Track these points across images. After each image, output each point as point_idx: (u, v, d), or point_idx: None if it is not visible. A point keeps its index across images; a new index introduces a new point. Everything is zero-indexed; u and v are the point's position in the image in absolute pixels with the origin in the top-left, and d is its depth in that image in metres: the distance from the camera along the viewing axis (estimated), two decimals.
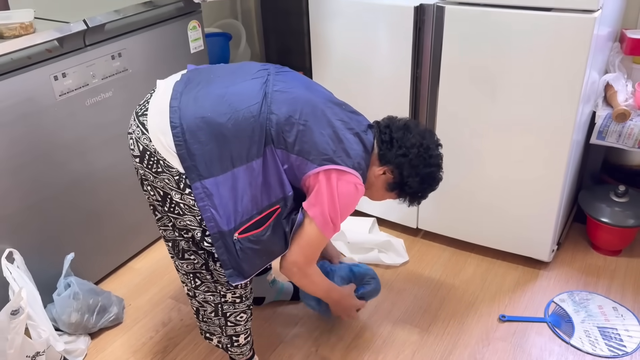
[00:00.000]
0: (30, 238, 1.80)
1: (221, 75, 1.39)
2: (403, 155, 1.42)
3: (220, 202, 1.30)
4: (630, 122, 1.93)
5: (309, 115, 1.33)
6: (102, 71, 1.87)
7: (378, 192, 1.51)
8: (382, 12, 1.92)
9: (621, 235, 2.05)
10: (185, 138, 1.28)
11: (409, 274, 2.07)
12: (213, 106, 1.31)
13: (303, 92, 1.38)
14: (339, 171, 1.35)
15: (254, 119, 1.30)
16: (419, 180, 1.44)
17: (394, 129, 1.44)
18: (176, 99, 1.33)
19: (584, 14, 1.60)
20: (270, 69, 1.41)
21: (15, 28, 1.63)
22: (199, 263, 1.45)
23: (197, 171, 1.29)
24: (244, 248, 1.34)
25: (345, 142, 1.36)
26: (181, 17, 2.11)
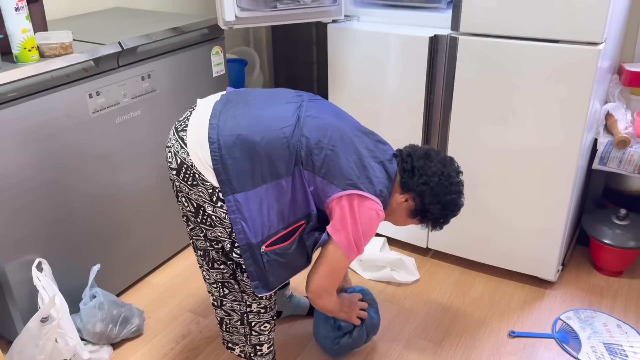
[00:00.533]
0: (58, 249, 1.86)
1: (258, 98, 1.49)
2: (424, 183, 1.48)
3: (249, 215, 1.38)
4: (630, 149, 2.05)
5: (337, 141, 1.42)
6: (132, 91, 1.96)
7: (401, 218, 1.59)
8: (398, 41, 2.04)
9: (623, 257, 2.14)
10: (222, 153, 1.37)
11: (420, 291, 2.14)
12: (249, 125, 1.40)
13: (333, 119, 1.47)
14: (361, 197, 1.41)
15: (286, 140, 1.39)
16: (440, 207, 1.50)
17: (416, 158, 1.52)
18: (215, 117, 1.42)
19: (589, 46, 1.72)
20: (304, 96, 1.51)
21: (56, 48, 1.73)
22: (227, 273, 1.52)
23: (231, 185, 1.37)
24: (270, 260, 1.41)
25: (369, 169, 1.44)
26: (205, 43, 2.22)
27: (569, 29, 1.73)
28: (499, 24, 1.83)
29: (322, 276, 1.50)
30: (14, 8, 1.59)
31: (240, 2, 1.95)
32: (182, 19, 2.19)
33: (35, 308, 1.73)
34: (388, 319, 1.99)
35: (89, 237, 1.95)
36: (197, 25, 2.16)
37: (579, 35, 1.73)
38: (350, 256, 1.46)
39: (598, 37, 1.71)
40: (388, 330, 1.94)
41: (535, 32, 1.78)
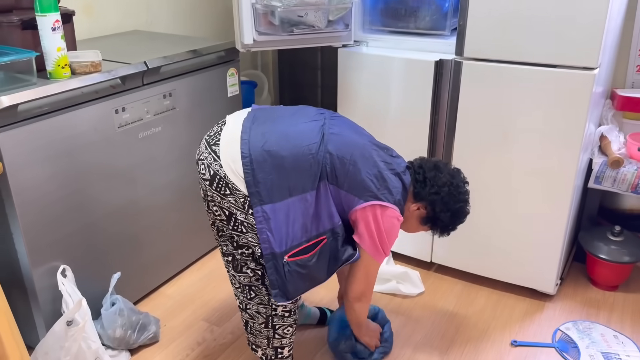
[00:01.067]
0: (80, 257, 1.94)
1: (284, 115, 1.61)
2: (435, 193, 1.61)
3: (275, 225, 1.47)
4: (623, 169, 2.17)
5: (359, 157, 1.54)
6: (155, 108, 2.07)
7: (412, 226, 1.70)
8: (405, 65, 2.16)
9: (618, 271, 2.24)
10: (253, 167, 1.47)
11: (425, 303, 2.22)
12: (277, 141, 1.51)
13: (354, 136, 1.60)
14: (382, 207, 1.53)
15: (312, 156, 1.50)
16: (450, 215, 1.63)
17: (427, 169, 1.64)
18: (246, 133, 1.53)
19: (585, 71, 1.85)
20: (326, 114, 1.63)
21: (87, 66, 1.84)
22: (255, 277, 1.60)
23: (260, 197, 1.47)
24: (291, 271, 1.51)
25: (388, 181, 1.56)
26: (222, 65, 2.34)
27: (566, 55, 1.86)
28: (500, 50, 1.96)
29: (359, 280, 1.64)
30: (50, 28, 1.70)
31: (259, 27, 2.08)
32: (200, 42, 2.31)
33: (58, 314, 1.80)
34: (396, 328, 2.07)
35: (108, 247, 2.03)
36: (215, 48, 2.28)
37: (575, 61, 1.86)
38: (379, 259, 1.59)
39: (593, 63, 1.85)
40: (396, 339, 2.02)
41: (534, 58, 1.92)
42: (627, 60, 2.54)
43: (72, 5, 2.00)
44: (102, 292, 1.98)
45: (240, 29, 2.08)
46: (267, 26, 2.10)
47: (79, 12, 2.32)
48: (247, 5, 2.04)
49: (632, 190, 2.17)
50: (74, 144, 1.82)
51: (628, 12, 2.44)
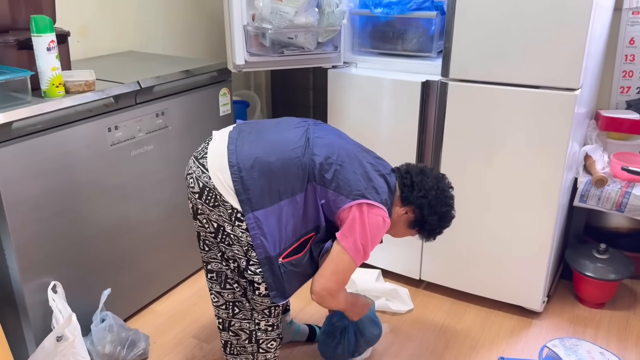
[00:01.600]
0: (71, 273, 1.95)
1: (268, 126, 1.65)
2: (423, 197, 1.64)
3: (268, 230, 1.51)
4: (607, 188, 2.21)
5: (344, 158, 1.57)
6: (147, 126, 2.11)
7: (400, 230, 1.72)
8: (393, 86, 2.22)
9: (604, 289, 2.27)
10: (242, 175, 1.51)
11: (414, 320, 2.24)
12: (264, 148, 1.55)
13: (338, 139, 1.64)
14: (369, 205, 1.55)
15: (299, 159, 1.54)
16: (437, 219, 1.66)
17: (414, 174, 1.67)
18: (232, 144, 1.57)
19: (567, 91, 1.91)
20: (309, 121, 1.67)
21: (81, 85, 1.88)
22: (239, 292, 1.63)
23: (250, 203, 1.50)
24: (287, 271, 1.54)
25: (374, 180, 1.59)
26: (214, 85, 2.39)
27: (548, 76, 1.92)
28: (485, 72, 2.01)
29: (326, 277, 1.58)
30: (46, 48, 1.74)
31: (250, 48, 2.13)
32: (194, 63, 2.37)
33: (48, 330, 1.81)
34: (385, 345, 2.09)
35: (100, 263, 2.05)
36: (207, 69, 2.33)
37: (558, 82, 1.92)
38: (357, 260, 1.57)
39: (574, 84, 1.90)
40: (384, 356, 2.03)
41: (517, 79, 1.97)
42: (610, 82, 2.61)
43: (68, 26, 2.05)
44: (93, 309, 1.99)
45: (232, 50, 2.14)
46: (258, 47, 2.16)
47: (75, 33, 2.37)
48: (239, 27, 2.10)
49: (616, 209, 2.21)
50: (67, 161, 1.85)
51: (611, 35, 2.51)
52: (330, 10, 2.11)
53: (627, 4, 2.48)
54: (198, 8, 2.94)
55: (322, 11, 2.11)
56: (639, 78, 2.56)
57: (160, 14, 2.75)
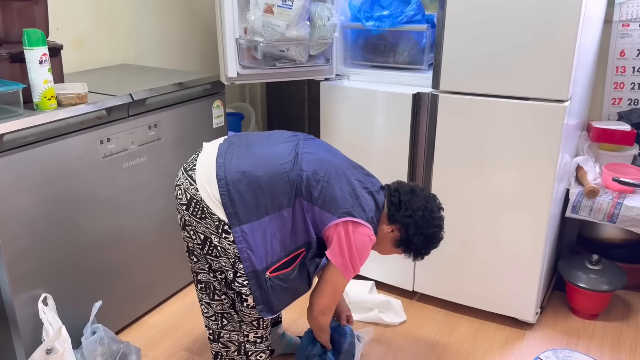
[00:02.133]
0: (62, 285, 1.95)
1: (258, 139, 1.66)
2: (409, 216, 1.64)
3: (255, 244, 1.51)
4: (599, 199, 2.22)
5: (332, 174, 1.58)
6: (140, 139, 2.12)
7: (386, 248, 1.72)
8: (384, 98, 2.23)
9: (597, 300, 2.27)
10: (229, 188, 1.51)
11: (406, 332, 2.23)
12: (252, 162, 1.55)
13: (327, 155, 1.64)
14: (355, 223, 1.56)
15: (287, 174, 1.54)
16: (422, 239, 1.65)
17: (402, 193, 1.67)
18: (221, 157, 1.57)
19: (556, 103, 1.92)
20: (300, 136, 1.68)
21: (73, 97, 1.89)
22: (227, 303, 1.63)
23: (237, 217, 1.51)
24: (274, 285, 1.53)
25: (361, 198, 1.59)
26: (208, 97, 2.40)
27: (538, 88, 1.93)
28: (474, 84, 2.03)
29: (325, 296, 1.66)
30: (38, 61, 1.76)
31: (242, 60, 2.15)
32: (187, 75, 2.38)
33: (39, 342, 1.80)
34: (377, 357, 2.08)
35: (91, 275, 2.05)
36: (200, 81, 2.35)
37: (547, 94, 1.93)
38: (348, 277, 1.60)
39: (563, 95, 1.91)
40: None
41: (506, 91, 1.98)
42: (602, 94, 2.62)
43: (62, 39, 2.07)
44: (84, 321, 1.98)
45: (224, 63, 2.16)
46: (251, 60, 2.18)
47: (70, 46, 2.39)
48: (231, 40, 2.12)
49: (608, 220, 2.21)
50: (59, 173, 1.86)
51: (602, 47, 2.53)
52: (322, 23, 2.13)
53: (617, 17, 2.51)
54: (192, 21, 2.97)
55: (314, 24, 2.13)
56: (630, 89, 2.58)
57: (154, 27, 2.77)
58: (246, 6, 2.09)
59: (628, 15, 2.49)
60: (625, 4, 2.48)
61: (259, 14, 2.03)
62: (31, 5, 1.88)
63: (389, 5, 2.24)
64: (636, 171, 2.32)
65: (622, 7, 2.49)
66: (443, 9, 2.01)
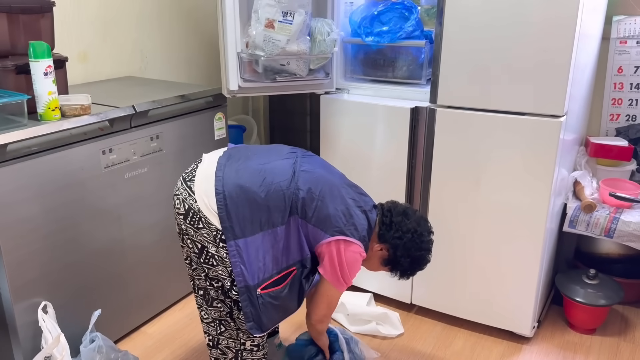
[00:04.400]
0: (62, 294, 1.97)
1: (257, 153, 1.69)
2: (399, 238, 1.67)
3: (248, 259, 1.53)
4: (596, 213, 2.23)
5: (327, 193, 1.61)
6: (142, 150, 2.15)
7: (374, 265, 1.76)
8: (383, 112, 2.26)
9: (594, 314, 2.27)
10: (226, 203, 1.54)
11: (404, 345, 2.24)
12: (250, 178, 1.58)
13: (324, 173, 1.67)
14: (347, 242, 1.59)
15: (283, 192, 1.57)
16: (409, 261, 1.69)
17: (395, 214, 1.71)
18: (220, 170, 1.60)
19: (552, 118, 1.94)
20: (298, 152, 1.71)
21: (76, 109, 1.93)
22: (224, 311, 1.65)
23: (233, 231, 1.53)
24: (265, 302, 1.56)
25: (354, 217, 1.62)
26: (209, 110, 2.44)
27: (534, 103, 1.96)
28: (471, 98, 2.06)
29: (321, 307, 1.74)
30: (43, 73, 1.80)
31: (244, 74, 2.19)
32: (189, 88, 2.42)
33: (38, 350, 1.82)
34: None
35: (91, 284, 2.07)
36: (202, 94, 2.38)
37: (543, 109, 1.96)
38: (341, 289, 1.66)
39: (559, 111, 1.94)
40: None
41: (503, 106, 2.01)
42: (600, 109, 2.65)
43: (68, 52, 2.11)
44: (84, 330, 1.99)
45: (226, 76, 2.19)
46: (252, 73, 2.21)
47: (75, 58, 2.43)
48: (233, 54, 2.16)
49: (605, 234, 2.22)
50: (61, 183, 1.89)
51: (600, 64, 2.56)
52: (322, 38, 2.16)
53: (615, 34, 2.54)
54: (196, 35, 3.02)
55: (314, 39, 2.17)
56: (627, 105, 2.60)
57: (159, 40, 2.82)
58: (248, 21, 2.14)
59: (625, 33, 2.52)
60: (623, 21, 2.51)
61: (260, 28, 2.07)
62: (38, 19, 1.93)
63: (388, 22, 2.28)
64: (633, 186, 2.34)
65: (620, 24, 2.52)
66: (441, 25, 2.04)
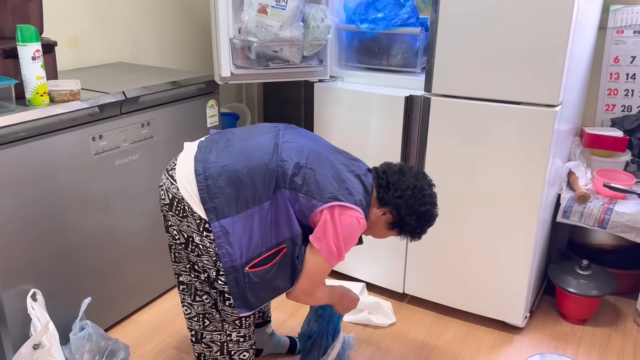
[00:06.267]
0: (52, 281, 1.95)
1: (238, 133, 1.65)
2: (399, 197, 1.60)
3: (234, 239, 1.49)
4: (590, 204, 2.22)
5: (314, 161, 1.56)
6: (132, 136, 2.12)
7: (380, 231, 1.70)
8: (378, 100, 2.24)
9: (586, 305, 2.27)
10: (207, 183, 1.51)
11: (395, 334, 2.24)
12: (231, 157, 1.55)
13: (309, 142, 1.62)
14: (342, 207, 1.53)
15: (266, 166, 1.53)
16: (415, 218, 1.62)
17: (390, 174, 1.65)
18: (200, 153, 1.58)
19: (547, 107, 1.93)
20: (280, 126, 1.67)
21: (66, 94, 1.90)
22: (209, 303, 1.62)
23: (216, 212, 1.50)
24: (252, 281, 1.52)
25: (347, 182, 1.57)
26: (202, 96, 2.41)
27: (529, 93, 1.94)
28: (466, 87, 2.04)
29: (303, 280, 1.59)
30: (31, 57, 1.77)
31: (236, 60, 2.16)
32: (181, 74, 2.39)
33: (27, 338, 1.80)
34: (365, 358, 2.08)
35: (82, 272, 2.05)
36: (194, 80, 2.35)
37: (538, 98, 1.94)
38: (332, 261, 1.56)
39: (554, 100, 1.92)
40: None
41: (498, 95, 1.99)
42: (596, 100, 2.63)
43: (59, 37, 2.07)
44: (74, 318, 1.98)
45: (218, 63, 2.17)
46: (245, 60, 2.19)
47: (65, 44, 2.40)
48: (225, 40, 2.13)
49: (598, 225, 2.22)
50: (50, 170, 1.87)
51: (596, 54, 2.54)
52: (316, 24, 2.13)
53: (612, 23, 2.52)
54: (189, 21, 2.98)
55: (307, 25, 2.14)
56: (623, 96, 2.59)
57: (151, 26, 2.78)
58: (240, 6, 2.10)
59: (622, 22, 2.50)
60: (620, 11, 2.49)
61: (253, 14, 2.04)
62: (26, 2, 1.89)
63: (383, 8, 2.25)
64: (627, 177, 2.33)
65: (617, 13, 2.50)
66: (436, 13, 2.02)
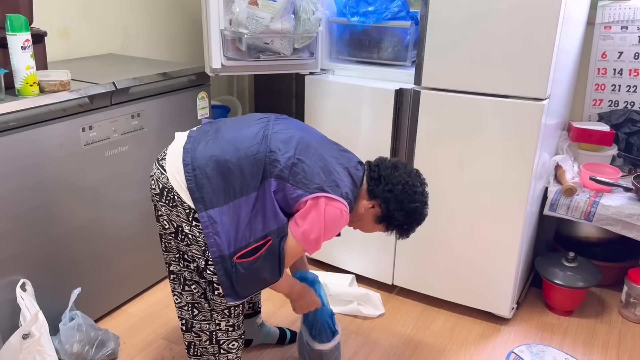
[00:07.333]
0: (42, 271, 1.95)
1: (228, 123, 1.65)
2: (389, 191, 1.60)
3: (222, 229, 1.50)
4: (576, 197, 2.25)
5: (303, 152, 1.56)
6: (122, 127, 2.12)
7: (368, 224, 1.69)
8: (368, 93, 2.25)
9: (572, 296, 2.30)
10: (195, 174, 1.51)
11: (384, 325, 2.26)
12: (220, 147, 1.55)
13: (299, 132, 1.61)
14: (328, 198, 1.52)
15: (254, 157, 1.53)
16: (404, 214, 1.61)
17: (383, 168, 1.64)
18: (189, 143, 1.58)
19: (534, 101, 1.95)
20: (271, 117, 1.66)
21: (55, 84, 1.89)
22: (198, 292, 1.63)
23: (204, 202, 1.50)
24: (239, 271, 1.52)
25: (334, 174, 1.56)
26: (192, 88, 2.41)
27: (517, 86, 1.96)
28: (455, 81, 2.05)
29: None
30: (20, 47, 1.76)
31: (227, 52, 2.16)
32: (172, 66, 2.39)
33: (16, 328, 1.80)
34: (353, 349, 2.10)
35: (71, 263, 2.05)
36: (185, 72, 2.35)
37: (526, 92, 1.96)
38: (307, 247, 1.55)
39: (542, 94, 1.94)
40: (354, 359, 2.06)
41: (487, 88, 2.01)
42: (584, 94, 2.66)
43: (49, 27, 2.07)
44: (63, 308, 1.98)
45: (209, 54, 2.17)
46: (235, 52, 2.19)
47: (56, 34, 2.39)
48: (216, 31, 2.13)
49: (584, 218, 2.25)
50: (39, 160, 1.86)
51: (584, 49, 2.57)
52: (307, 17, 2.14)
53: (600, 19, 2.54)
54: (180, 12, 2.97)
55: (298, 18, 2.15)
56: (610, 91, 2.62)
57: (141, 17, 2.77)
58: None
59: (610, 18, 2.53)
60: (608, 7, 2.52)
61: (244, 5, 2.05)
62: None
63: (374, 2, 2.26)
64: (613, 171, 2.36)
65: (605, 9, 2.52)
66: (426, 6, 2.03)
